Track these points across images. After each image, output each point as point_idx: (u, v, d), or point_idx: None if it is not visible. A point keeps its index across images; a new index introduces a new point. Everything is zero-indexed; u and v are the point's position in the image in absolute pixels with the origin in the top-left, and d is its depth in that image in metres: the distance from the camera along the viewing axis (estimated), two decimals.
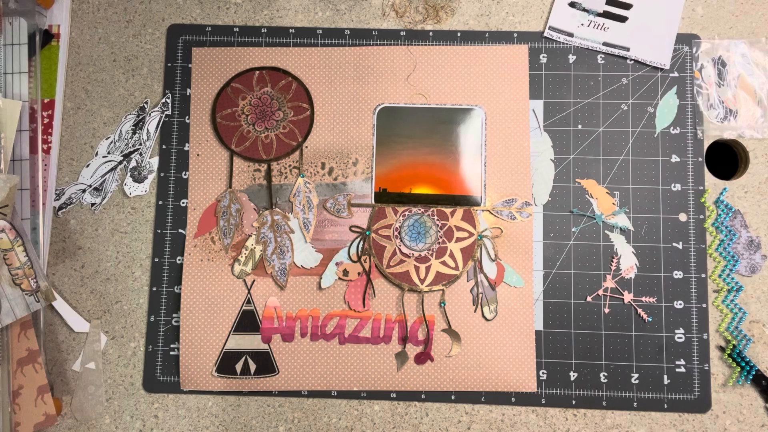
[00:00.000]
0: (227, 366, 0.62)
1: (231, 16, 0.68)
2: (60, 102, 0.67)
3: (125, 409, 0.63)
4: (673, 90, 0.66)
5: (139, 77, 0.68)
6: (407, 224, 0.64)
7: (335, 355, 0.62)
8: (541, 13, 0.68)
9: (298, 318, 0.63)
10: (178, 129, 0.66)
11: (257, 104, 0.66)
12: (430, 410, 0.62)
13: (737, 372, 0.61)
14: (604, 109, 0.66)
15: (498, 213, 0.64)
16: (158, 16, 0.69)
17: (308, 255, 0.64)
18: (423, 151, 0.65)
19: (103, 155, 0.66)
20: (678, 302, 0.63)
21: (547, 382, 0.62)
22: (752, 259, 0.63)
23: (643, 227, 0.64)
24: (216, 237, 0.64)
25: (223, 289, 0.63)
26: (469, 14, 0.68)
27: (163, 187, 0.66)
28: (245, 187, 0.65)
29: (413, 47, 0.67)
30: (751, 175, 0.65)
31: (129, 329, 0.64)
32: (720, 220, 0.64)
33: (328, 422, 0.62)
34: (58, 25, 0.68)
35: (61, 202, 0.65)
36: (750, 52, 0.66)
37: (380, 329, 0.62)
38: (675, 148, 0.65)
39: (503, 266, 0.63)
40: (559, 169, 0.65)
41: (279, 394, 0.63)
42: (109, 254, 0.65)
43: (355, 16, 0.68)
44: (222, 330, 0.63)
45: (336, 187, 0.65)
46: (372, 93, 0.66)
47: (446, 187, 0.64)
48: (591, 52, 0.67)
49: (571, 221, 0.64)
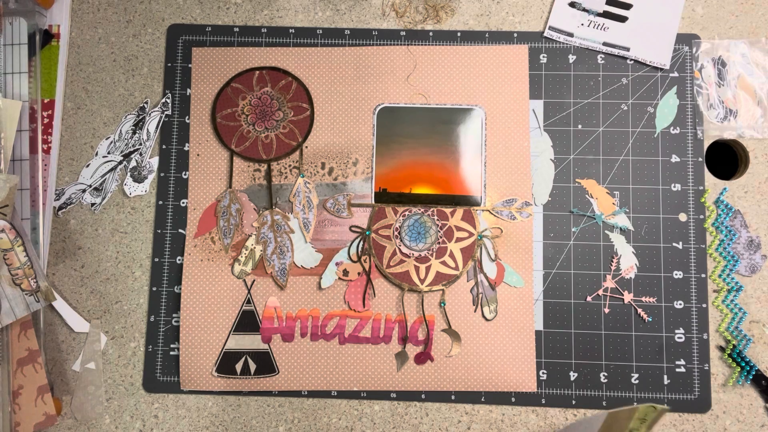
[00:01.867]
0: (227, 366, 0.62)
1: (231, 16, 0.68)
2: (60, 102, 0.67)
3: (125, 409, 0.63)
4: (673, 90, 0.66)
5: (139, 77, 0.68)
6: (407, 224, 0.64)
7: (335, 355, 0.62)
8: (541, 13, 0.68)
9: (298, 318, 0.63)
10: (178, 129, 0.66)
11: (257, 104, 0.66)
12: (430, 410, 0.62)
13: (737, 372, 0.61)
14: (604, 109, 0.66)
15: (498, 213, 0.64)
16: (158, 16, 0.69)
17: (308, 255, 0.64)
18: (423, 151, 0.65)
19: (103, 155, 0.66)
20: (678, 302, 0.63)
21: (547, 382, 0.62)
22: (752, 259, 0.63)
23: (643, 227, 0.64)
24: (216, 237, 0.64)
25: (223, 289, 0.63)
26: (469, 14, 0.68)
27: (163, 187, 0.66)
28: (245, 187, 0.65)
29: (413, 47, 0.67)
30: (751, 175, 0.65)
31: (129, 329, 0.64)
32: (720, 220, 0.64)
33: (328, 422, 0.62)
34: (58, 25, 0.68)
35: (61, 202, 0.65)
36: (750, 52, 0.66)
37: (380, 329, 0.62)
38: (675, 148, 0.65)
39: (503, 266, 0.63)
40: (559, 169, 0.65)
41: (279, 394, 0.63)
42: (109, 254, 0.65)
43: (355, 16, 0.68)
44: (222, 330, 0.63)
45: (336, 187, 0.65)
46: (372, 93, 0.66)
47: (446, 187, 0.64)
48: (591, 52, 0.67)
49: (571, 221, 0.64)
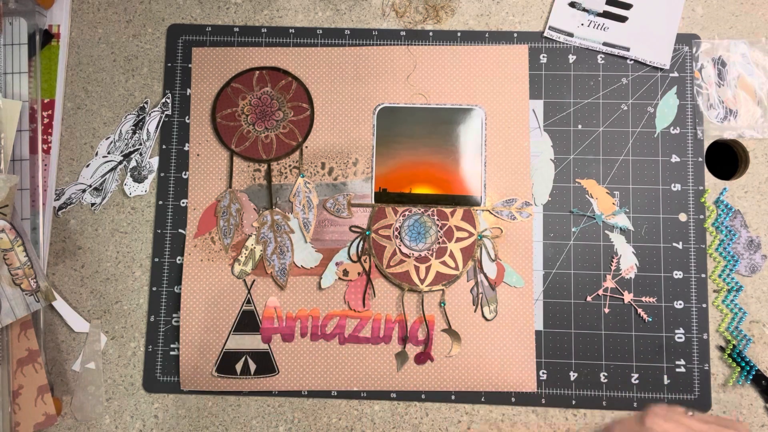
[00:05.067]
0: (227, 366, 0.62)
1: (231, 16, 0.68)
2: (60, 102, 0.67)
3: (125, 409, 0.63)
4: (673, 90, 0.66)
5: (139, 77, 0.68)
6: (407, 224, 0.64)
7: (335, 355, 0.62)
8: (541, 13, 0.68)
9: (298, 318, 0.63)
10: (178, 129, 0.66)
11: (257, 104, 0.66)
12: (430, 410, 0.62)
13: (737, 372, 0.61)
14: (604, 109, 0.66)
15: (498, 213, 0.64)
16: (158, 16, 0.69)
17: (308, 255, 0.64)
18: (423, 151, 0.65)
19: (103, 155, 0.66)
20: (678, 302, 0.63)
21: (547, 382, 0.62)
22: (752, 259, 0.63)
23: (643, 227, 0.64)
24: (216, 237, 0.64)
25: (223, 289, 0.63)
26: (469, 14, 0.68)
27: (163, 187, 0.66)
28: (245, 187, 0.65)
29: (413, 47, 0.67)
30: (751, 175, 0.65)
31: (129, 329, 0.64)
32: (720, 220, 0.64)
33: (328, 422, 0.62)
34: (58, 25, 0.68)
35: (61, 202, 0.65)
36: (750, 52, 0.66)
37: (380, 329, 0.62)
38: (675, 148, 0.65)
39: (503, 266, 0.63)
40: (559, 169, 0.65)
41: (279, 394, 0.63)
42: (109, 254, 0.65)
43: (355, 16, 0.68)
44: (222, 330, 0.63)
45: (336, 187, 0.65)
46: (372, 93, 0.66)
47: (446, 187, 0.64)
48: (591, 52, 0.67)
49: (571, 221, 0.64)
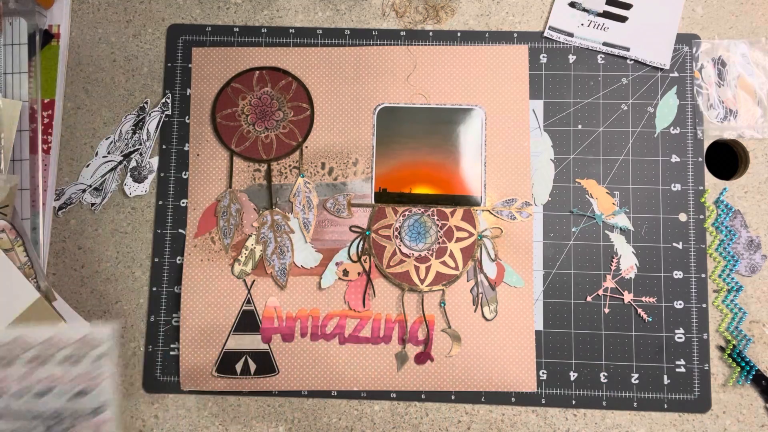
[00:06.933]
0: (227, 366, 0.62)
1: (231, 16, 0.68)
2: (60, 102, 0.67)
3: (125, 409, 0.63)
4: (673, 90, 0.66)
5: (139, 77, 0.68)
6: (407, 224, 0.64)
7: (335, 355, 0.62)
8: (541, 13, 0.68)
9: (298, 318, 0.63)
10: (178, 129, 0.66)
11: (257, 104, 0.66)
12: (430, 410, 0.62)
13: (737, 372, 0.61)
14: (604, 109, 0.66)
15: (498, 213, 0.64)
16: (158, 16, 0.69)
17: (308, 255, 0.64)
18: (423, 151, 0.65)
19: (103, 155, 0.66)
20: (678, 302, 0.63)
21: (547, 382, 0.62)
22: (752, 259, 0.63)
23: (643, 227, 0.64)
24: (216, 237, 0.64)
25: (223, 289, 0.63)
26: (469, 14, 0.68)
27: (163, 187, 0.66)
28: (245, 187, 0.65)
29: (413, 47, 0.67)
30: (751, 175, 0.65)
31: (129, 329, 0.64)
32: (720, 220, 0.64)
33: (328, 422, 0.62)
34: (58, 25, 0.68)
35: (61, 202, 0.65)
36: (750, 52, 0.66)
37: (380, 329, 0.62)
38: (675, 148, 0.65)
39: (503, 266, 0.63)
40: (559, 169, 0.65)
41: (279, 394, 0.63)
42: (109, 254, 0.65)
43: (355, 16, 0.68)
44: (222, 330, 0.63)
45: (336, 187, 0.65)
46: (372, 93, 0.66)
47: (446, 187, 0.64)
48: (591, 52, 0.67)
49: (571, 221, 0.64)
